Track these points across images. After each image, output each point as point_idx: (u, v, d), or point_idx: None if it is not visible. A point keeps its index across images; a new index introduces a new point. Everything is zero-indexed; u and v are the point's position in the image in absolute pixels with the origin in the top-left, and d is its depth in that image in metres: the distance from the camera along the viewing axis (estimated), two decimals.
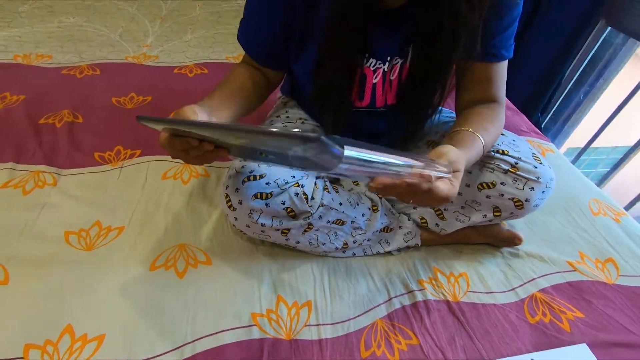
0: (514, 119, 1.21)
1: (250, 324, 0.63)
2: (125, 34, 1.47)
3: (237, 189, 0.61)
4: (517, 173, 0.64)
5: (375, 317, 0.66)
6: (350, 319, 0.65)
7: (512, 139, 0.70)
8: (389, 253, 0.77)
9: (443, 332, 0.65)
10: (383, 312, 0.67)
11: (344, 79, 0.63)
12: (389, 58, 0.65)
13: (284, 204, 0.62)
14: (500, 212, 0.68)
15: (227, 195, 0.63)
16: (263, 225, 0.63)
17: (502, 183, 0.65)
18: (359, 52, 0.63)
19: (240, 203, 0.62)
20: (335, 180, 0.75)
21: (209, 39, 1.50)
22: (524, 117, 1.23)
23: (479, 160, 0.62)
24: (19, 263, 0.67)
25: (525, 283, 0.74)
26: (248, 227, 0.65)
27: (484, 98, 0.67)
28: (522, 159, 0.65)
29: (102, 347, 0.58)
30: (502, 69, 0.66)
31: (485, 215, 0.70)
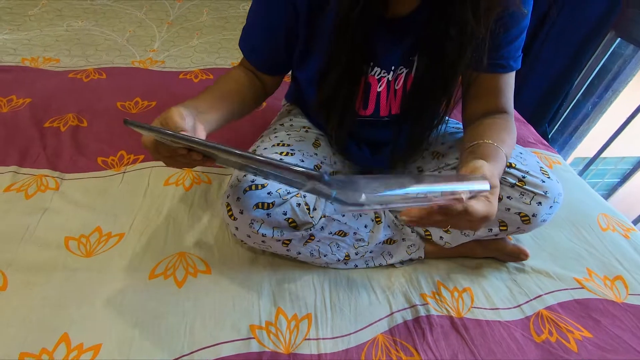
0: (521, 130, 1.19)
1: (249, 337, 0.61)
2: (133, 39, 1.48)
3: (238, 198, 0.60)
4: (524, 187, 0.63)
5: (377, 332, 0.65)
6: (351, 334, 0.64)
7: (519, 152, 0.69)
8: (392, 265, 0.76)
9: (446, 349, 0.63)
10: (385, 326, 0.66)
11: (348, 87, 0.63)
12: (394, 67, 0.64)
13: (286, 215, 0.61)
14: (507, 226, 0.67)
15: (228, 205, 0.62)
16: (264, 236, 0.62)
17: (508, 197, 0.64)
18: (364, 60, 0.62)
19: (242, 213, 0.61)
20: None
21: (215, 45, 1.50)
22: (531, 128, 1.22)
23: None
24: (19, 269, 0.67)
25: (531, 300, 0.72)
26: (249, 237, 0.64)
27: (493, 109, 0.66)
28: (529, 173, 0.64)
29: (97, 357, 0.57)
30: (510, 80, 0.65)
31: (491, 229, 0.69)
